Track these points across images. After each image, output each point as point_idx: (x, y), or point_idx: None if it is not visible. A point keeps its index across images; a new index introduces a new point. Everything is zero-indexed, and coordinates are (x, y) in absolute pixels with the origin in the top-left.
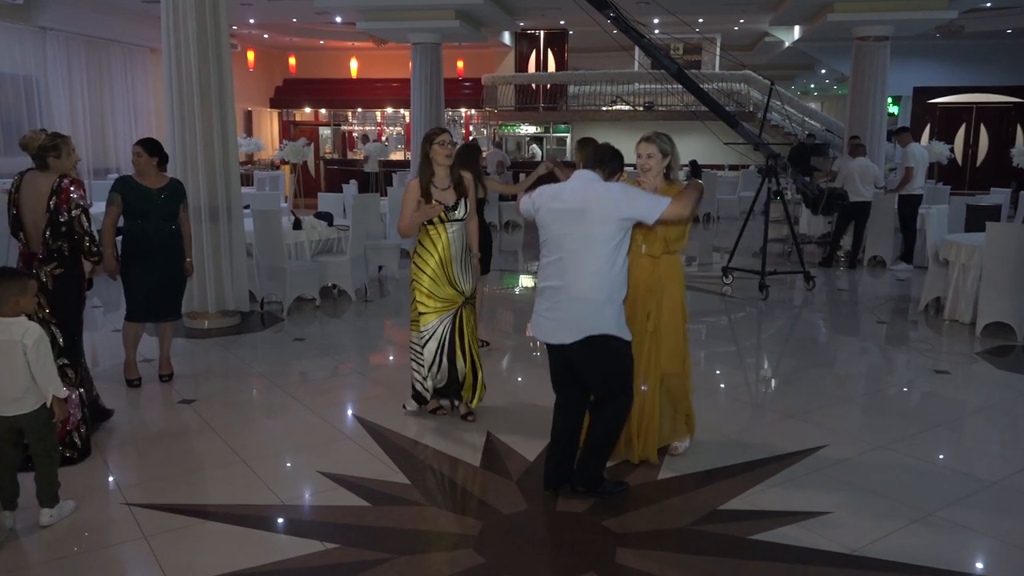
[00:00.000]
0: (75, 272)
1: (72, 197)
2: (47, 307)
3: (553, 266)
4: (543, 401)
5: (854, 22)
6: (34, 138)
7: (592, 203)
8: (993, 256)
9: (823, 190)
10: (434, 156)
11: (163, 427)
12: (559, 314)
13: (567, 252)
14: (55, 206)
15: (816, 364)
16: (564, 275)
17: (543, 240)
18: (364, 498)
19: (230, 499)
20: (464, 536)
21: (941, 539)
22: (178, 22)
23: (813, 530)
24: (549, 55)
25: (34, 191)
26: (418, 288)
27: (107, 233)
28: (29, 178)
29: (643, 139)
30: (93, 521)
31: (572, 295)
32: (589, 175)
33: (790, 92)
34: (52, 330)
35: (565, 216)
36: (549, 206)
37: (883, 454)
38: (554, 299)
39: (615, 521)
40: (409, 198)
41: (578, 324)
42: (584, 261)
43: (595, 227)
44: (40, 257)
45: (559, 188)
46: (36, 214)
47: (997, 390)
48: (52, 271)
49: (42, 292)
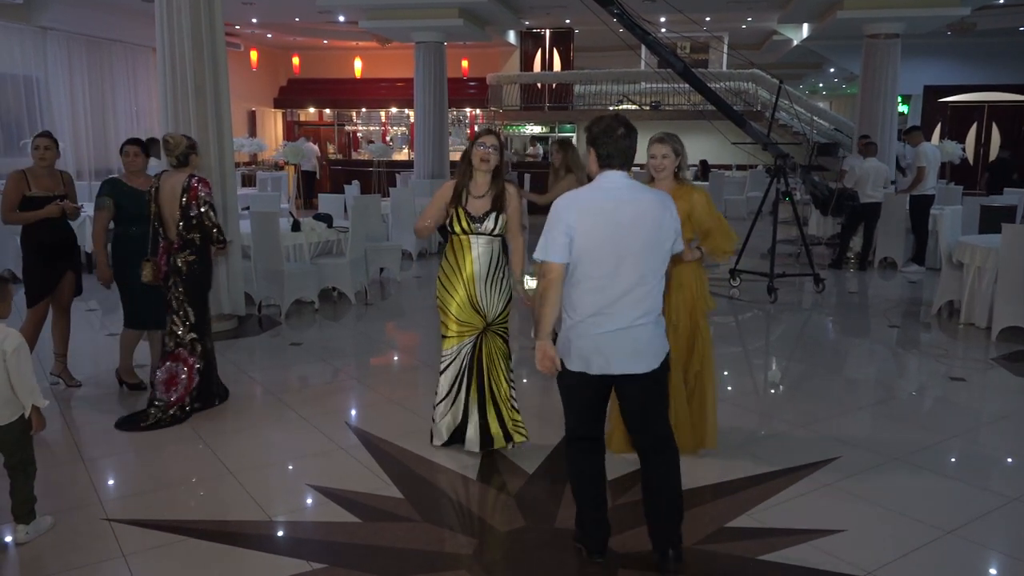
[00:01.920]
0: (205, 259)
1: (200, 195)
2: (182, 288)
3: (610, 286)
4: (543, 411)
5: (864, 20)
6: (180, 141)
7: (657, 211)
8: (1009, 258)
9: (833, 190)
10: (473, 158)
11: (150, 437)
12: (630, 339)
13: (626, 269)
14: (186, 202)
15: (826, 370)
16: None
17: (589, 259)
18: (356, 514)
19: (215, 515)
20: (458, 555)
21: (961, 560)
22: (172, 19)
23: (826, 550)
24: (555, 54)
25: (169, 188)
26: (443, 309)
27: (99, 239)
28: (165, 177)
29: (656, 140)
30: (72, 538)
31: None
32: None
33: (799, 91)
34: (187, 309)
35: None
36: (594, 221)
37: (898, 467)
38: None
39: (616, 540)
40: (438, 198)
41: (655, 348)
42: (650, 276)
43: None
44: (176, 246)
45: (600, 198)
46: (172, 209)
47: (1015, 398)
48: (186, 258)
49: (178, 276)
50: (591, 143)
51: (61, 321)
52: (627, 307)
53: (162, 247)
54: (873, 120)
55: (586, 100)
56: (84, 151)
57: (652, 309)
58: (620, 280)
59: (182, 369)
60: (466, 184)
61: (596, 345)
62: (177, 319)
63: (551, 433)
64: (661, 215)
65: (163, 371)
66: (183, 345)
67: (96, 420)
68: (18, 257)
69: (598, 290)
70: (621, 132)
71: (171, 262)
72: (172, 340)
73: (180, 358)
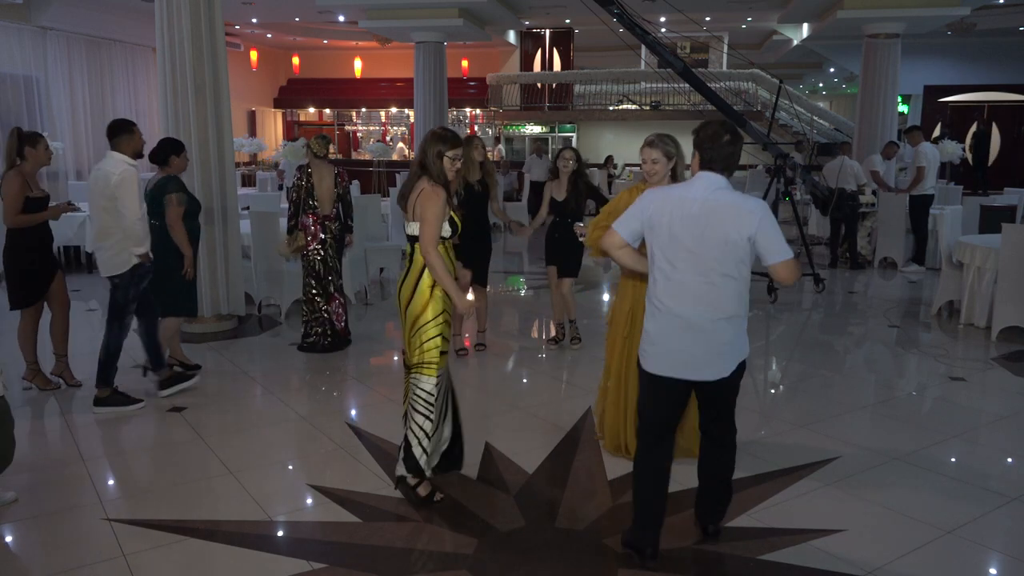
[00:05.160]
0: (346, 225)
1: (343, 182)
2: (332, 249)
3: (699, 285)
4: (544, 410)
5: (864, 19)
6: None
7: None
8: (1009, 258)
9: (833, 190)
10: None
11: (151, 436)
12: (714, 341)
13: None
14: (338, 185)
15: (826, 369)
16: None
17: (659, 248)
18: (356, 514)
19: (215, 515)
20: (458, 555)
21: (961, 560)
22: (172, 19)
23: (826, 549)
24: (555, 54)
25: (321, 175)
26: (448, 318)
27: (184, 231)
28: (315, 166)
29: (646, 144)
30: (71, 537)
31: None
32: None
33: (799, 91)
34: (338, 264)
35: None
36: (670, 211)
37: (898, 466)
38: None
39: (617, 540)
40: (440, 211)
41: (740, 348)
42: (716, 276)
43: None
44: (331, 217)
45: (682, 192)
46: (328, 190)
47: (1015, 398)
48: (335, 227)
49: (333, 239)
50: (697, 147)
51: (61, 320)
52: (693, 303)
53: (312, 220)
54: (873, 120)
55: (586, 100)
56: (84, 151)
57: (721, 308)
58: (686, 273)
59: (340, 304)
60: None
61: (670, 343)
62: (333, 273)
63: (551, 433)
64: (737, 217)
65: (335, 306)
66: (338, 289)
67: (96, 420)
68: None
69: (665, 279)
70: (727, 139)
71: (326, 228)
72: (332, 286)
73: (335, 299)
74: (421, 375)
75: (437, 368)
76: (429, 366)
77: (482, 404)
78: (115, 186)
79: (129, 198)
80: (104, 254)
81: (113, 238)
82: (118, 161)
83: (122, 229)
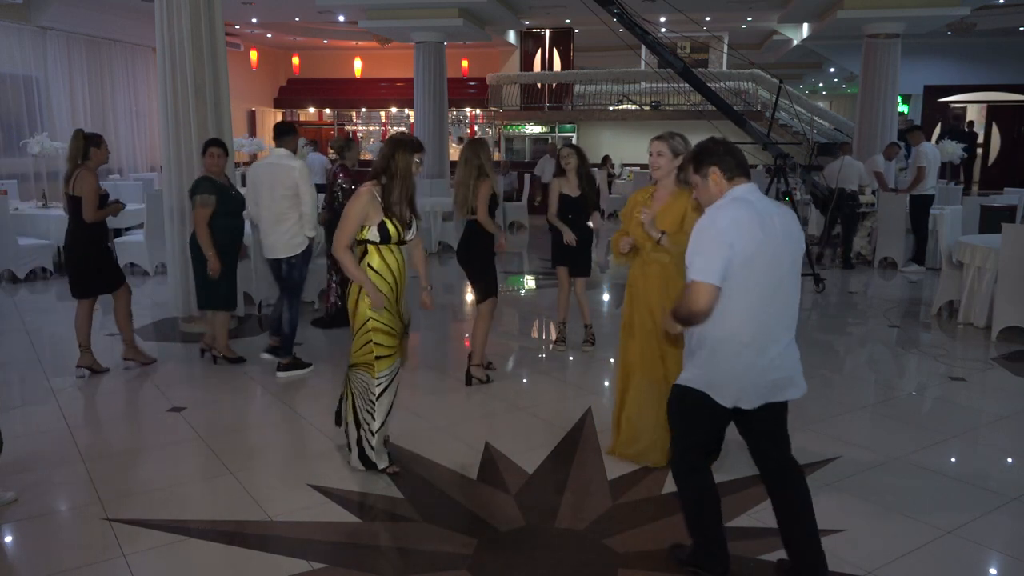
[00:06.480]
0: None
1: (347, 178)
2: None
3: (793, 305)
4: (544, 411)
5: (864, 19)
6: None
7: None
8: (1009, 258)
9: (833, 190)
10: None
11: (151, 436)
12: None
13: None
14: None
15: (826, 369)
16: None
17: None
18: (355, 513)
19: (215, 514)
20: (458, 555)
21: (961, 560)
22: (172, 19)
23: (826, 549)
24: (555, 54)
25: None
26: (376, 324)
27: (207, 231)
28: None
29: (655, 137)
30: (71, 537)
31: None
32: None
33: (799, 91)
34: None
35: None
36: (757, 237)
37: (898, 466)
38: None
39: (617, 540)
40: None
41: (798, 372)
42: (796, 295)
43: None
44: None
45: (754, 212)
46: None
47: (1014, 398)
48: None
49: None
50: (708, 164)
51: (124, 307)
52: (788, 324)
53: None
54: (873, 120)
55: (586, 100)
56: None
57: (795, 319)
58: (777, 301)
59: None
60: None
61: (750, 377)
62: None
63: (551, 433)
64: (796, 222)
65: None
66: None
67: (96, 420)
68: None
69: (762, 308)
70: (730, 143)
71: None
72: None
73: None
74: (360, 372)
75: (375, 370)
76: (367, 367)
77: (482, 404)
78: (299, 177)
79: (309, 187)
80: (281, 238)
81: (289, 222)
82: (292, 156)
83: (300, 215)
